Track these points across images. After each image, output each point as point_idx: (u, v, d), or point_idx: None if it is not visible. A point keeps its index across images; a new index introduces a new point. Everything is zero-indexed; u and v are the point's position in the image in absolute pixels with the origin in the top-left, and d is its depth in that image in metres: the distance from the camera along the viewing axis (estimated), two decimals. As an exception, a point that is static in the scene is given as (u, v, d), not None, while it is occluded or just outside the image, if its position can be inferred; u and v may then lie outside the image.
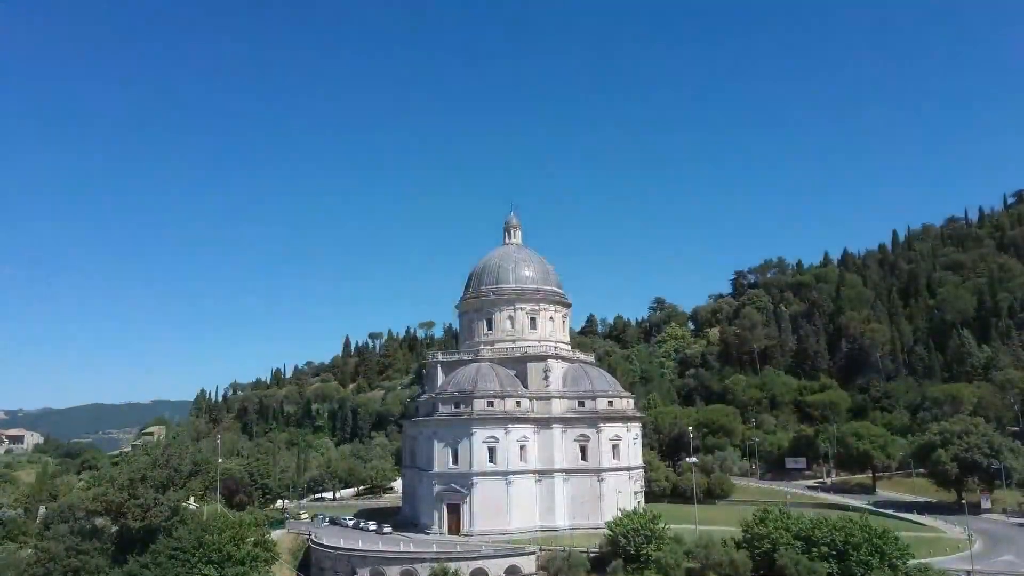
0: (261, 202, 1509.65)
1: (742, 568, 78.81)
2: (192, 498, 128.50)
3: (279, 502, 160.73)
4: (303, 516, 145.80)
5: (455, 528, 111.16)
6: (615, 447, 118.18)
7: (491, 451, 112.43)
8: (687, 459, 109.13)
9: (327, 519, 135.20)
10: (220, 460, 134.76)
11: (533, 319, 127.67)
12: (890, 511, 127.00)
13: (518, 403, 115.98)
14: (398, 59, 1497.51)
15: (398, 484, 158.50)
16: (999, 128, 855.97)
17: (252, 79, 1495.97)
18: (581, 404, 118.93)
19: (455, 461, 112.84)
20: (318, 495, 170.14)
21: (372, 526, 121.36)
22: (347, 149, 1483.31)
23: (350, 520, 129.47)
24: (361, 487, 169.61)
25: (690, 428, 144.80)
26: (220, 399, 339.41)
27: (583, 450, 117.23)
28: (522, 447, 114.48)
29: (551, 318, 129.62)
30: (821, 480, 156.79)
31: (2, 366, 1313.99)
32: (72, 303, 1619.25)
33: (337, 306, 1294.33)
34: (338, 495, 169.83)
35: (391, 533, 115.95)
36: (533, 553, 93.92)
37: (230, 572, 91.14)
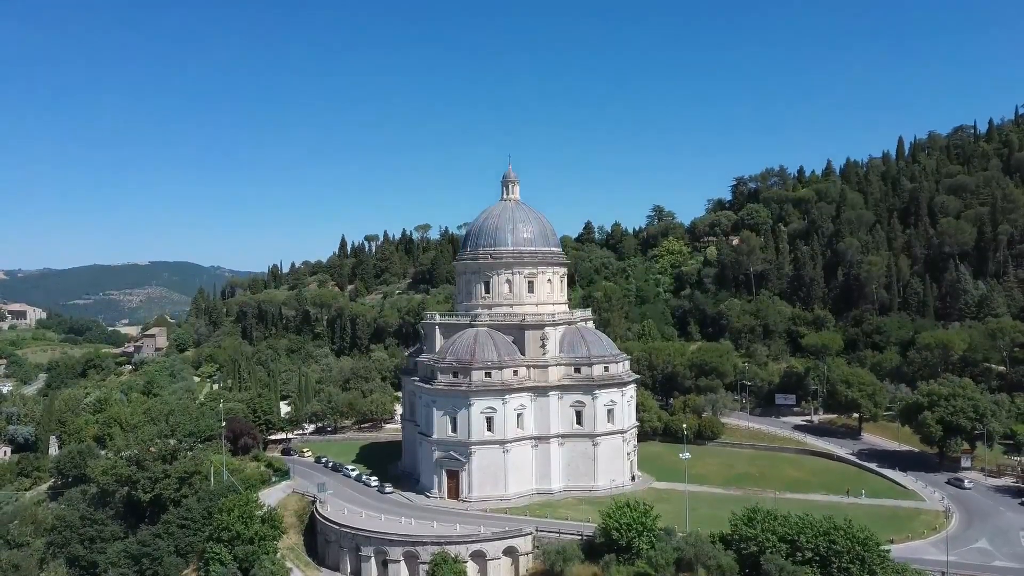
0: (266, 95, 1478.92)
1: (728, 572, 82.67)
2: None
3: (282, 435, 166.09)
4: (306, 453, 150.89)
5: (454, 493, 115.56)
6: (610, 412, 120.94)
7: (489, 420, 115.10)
8: (681, 455, 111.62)
9: (331, 464, 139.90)
10: (223, 422, 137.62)
11: (531, 282, 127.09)
12: (873, 464, 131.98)
13: (515, 372, 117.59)
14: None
15: (398, 413, 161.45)
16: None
17: None
18: (577, 371, 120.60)
19: (454, 429, 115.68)
20: (320, 425, 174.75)
21: (374, 481, 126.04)
22: (351, 47, 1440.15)
23: (353, 470, 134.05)
24: (362, 421, 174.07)
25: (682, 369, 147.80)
26: (218, 295, 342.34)
27: (579, 415, 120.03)
28: (519, 415, 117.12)
29: (549, 280, 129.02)
30: (808, 418, 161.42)
31: (1, 226, 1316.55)
32: (71, 164, 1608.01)
33: (333, 205, 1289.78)
34: (339, 425, 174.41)
35: (392, 493, 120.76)
36: (530, 534, 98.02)
37: (240, 551, 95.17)
